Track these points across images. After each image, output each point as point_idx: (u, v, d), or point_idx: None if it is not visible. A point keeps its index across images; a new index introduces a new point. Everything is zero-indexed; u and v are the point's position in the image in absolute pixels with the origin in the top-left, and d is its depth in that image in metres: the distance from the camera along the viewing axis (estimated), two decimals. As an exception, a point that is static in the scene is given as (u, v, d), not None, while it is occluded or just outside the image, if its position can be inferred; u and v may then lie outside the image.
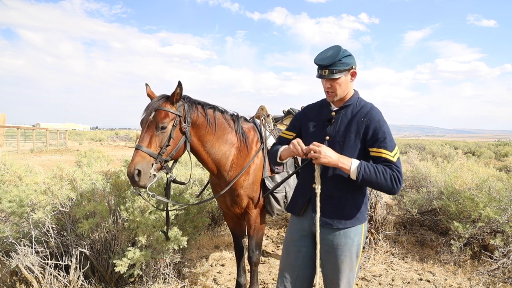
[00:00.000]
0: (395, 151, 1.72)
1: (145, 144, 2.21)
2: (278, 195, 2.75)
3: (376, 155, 1.72)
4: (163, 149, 2.25)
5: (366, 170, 1.66)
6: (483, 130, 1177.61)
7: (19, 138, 19.86)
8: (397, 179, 1.67)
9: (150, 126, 2.25)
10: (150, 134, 2.24)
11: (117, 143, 30.36)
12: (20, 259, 2.63)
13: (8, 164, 4.68)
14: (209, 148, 2.56)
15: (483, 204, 3.78)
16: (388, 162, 1.69)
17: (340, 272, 1.80)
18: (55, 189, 2.96)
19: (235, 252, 3.09)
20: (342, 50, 1.78)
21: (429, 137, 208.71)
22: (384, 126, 1.75)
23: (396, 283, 3.51)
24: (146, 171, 2.17)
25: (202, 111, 2.52)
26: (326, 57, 1.78)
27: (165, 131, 2.27)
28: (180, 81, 2.31)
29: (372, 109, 1.81)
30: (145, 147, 2.20)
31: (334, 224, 1.79)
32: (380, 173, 1.66)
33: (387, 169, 1.67)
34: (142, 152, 2.19)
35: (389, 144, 1.71)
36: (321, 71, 1.79)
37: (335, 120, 1.85)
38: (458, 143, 25.46)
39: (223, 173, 2.65)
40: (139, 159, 2.16)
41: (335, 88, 1.80)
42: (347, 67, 1.78)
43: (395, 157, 1.70)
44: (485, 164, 7.96)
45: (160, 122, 2.24)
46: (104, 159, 8.56)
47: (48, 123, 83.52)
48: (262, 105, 3.46)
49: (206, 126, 2.51)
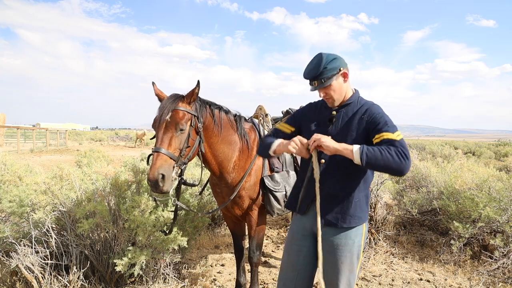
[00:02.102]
0: (397, 133, 1.67)
1: (165, 146, 2.07)
2: (278, 194, 2.73)
3: (379, 140, 1.67)
4: (183, 151, 2.14)
5: (369, 150, 1.60)
6: (483, 130, 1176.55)
7: (19, 138, 19.87)
8: (403, 153, 1.58)
9: (169, 127, 2.11)
10: (170, 136, 2.10)
11: (117, 143, 30.37)
12: (20, 259, 2.63)
13: (8, 164, 4.69)
14: (214, 149, 2.50)
15: (483, 204, 3.78)
16: (391, 141, 1.63)
17: (340, 273, 1.79)
18: (55, 189, 2.96)
19: (234, 252, 3.08)
20: (325, 56, 1.77)
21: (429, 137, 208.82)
22: (384, 116, 1.73)
23: (396, 283, 3.51)
24: (169, 175, 2.05)
25: (210, 112, 2.45)
26: (311, 69, 1.78)
27: (184, 132, 2.16)
28: (199, 80, 2.22)
29: (372, 106, 1.80)
30: (166, 149, 2.06)
31: (338, 224, 1.79)
32: (385, 150, 1.59)
33: (390, 146, 1.60)
34: (164, 155, 2.04)
35: (391, 128, 1.68)
36: (312, 83, 1.80)
37: (336, 120, 1.84)
38: (458, 143, 25.44)
39: (225, 175, 2.62)
40: (161, 162, 2.02)
41: (331, 95, 1.80)
42: (335, 71, 1.77)
43: (398, 137, 1.65)
44: (485, 164, 7.97)
45: (180, 122, 2.12)
46: (104, 159, 8.57)
47: (48, 123, 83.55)
48: (260, 105, 3.46)
49: (213, 127, 2.45)
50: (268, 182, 2.72)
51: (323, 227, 1.82)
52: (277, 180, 2.76)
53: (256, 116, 3.38)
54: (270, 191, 2.72)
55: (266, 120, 3.22)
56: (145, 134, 26.39)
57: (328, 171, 1.81)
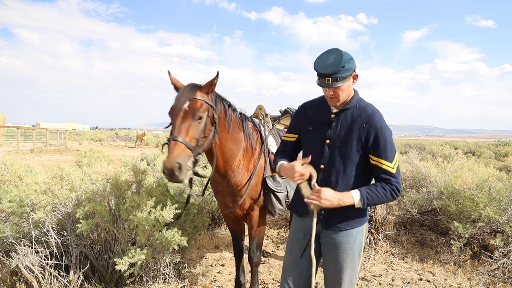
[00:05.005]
0: (395, 161, 1.73)
1: (183, 135, 2.03)
2: (279, 195, 2.73)
3: (377, 165, 1.73)
4: (200, 140, 2.11)
5: (368, 197, 1.70)
6: (483, 130, 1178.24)
7: (19, 138, 19.86)
8: (396, 191, 1.72)
9: (186, 116, 2.07)
10: (187, 125, 2.06)
11: (117, 143, 30.36)
12: (20, 259, 2.63)
13: (8, 164, 4.68)
14: (223, 145, 2.46)
15: (483, 204, 3.78)
16: (387, 174, 1.71)
17: (342, 271, 1.80)
18: (55, 189, 2.96)
19: (234, 252, 3.08)
20: (344, 54, 1.68)
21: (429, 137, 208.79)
22: (386, 133, 1.72)
23: (396, 283, 3.51)
24: (186, 165, 2.00)
25: (223, 106, 2.42)
26: (328, 64, 1.67)
27: (201, 122, 2.12)
28: (219, 71, 2.18)
29: (375, 114, 1.75)
30: (183, 138, 2.02)
31: (341, 227, 1.80)
32: (381, 193, 1.71)
33: (385, 186, 1.72)
34: (181, 143, 2.00)
35: (389, 153, 1.71)
36: (323, 79, 1.69)
37: (335, 123, 1.81)
38: (458, 143, 25.44)
39: (229, 172, 2.58)
40: (179, 151, 1.98)
41: (338, 95, 1.74)
42: (350, 72, 1.69)
43: (394, 167, 1.72)
44: (485, 164, 7.97)
45: (198, 111, 2.09)
46: (104, 159, 8.57)
47: (48, 123, 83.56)
48: (260, 105, 3.45)
49: (224, 122, 2.41)
50: (270, 183, 2.71)
51: (325, 229, 1.83)
52: (279, 180, 2.75)
53: (256, 115, 3.38)
54: (272, 192, 2.71)
55: (266, 120, 3.22)
56: (145, 134, 26.37)
57: (328, 177, 1.80)
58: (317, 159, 1.81)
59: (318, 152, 1.81)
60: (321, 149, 1.81)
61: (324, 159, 1.80)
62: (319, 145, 1.82)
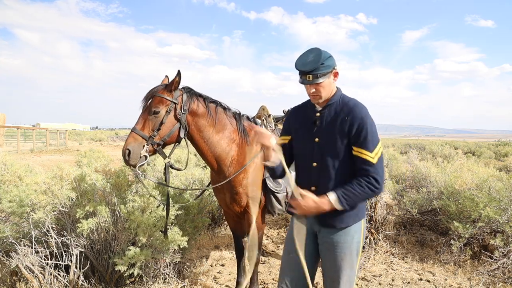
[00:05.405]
0: (376, 150, 1.71)
1: (139, 127, 2.40)
2: (279, 195, 2.77)
3: (357, 155, 1.73)
4: (154, 132, 2.41)
5: (345, 196, 1.69)
6: (483, 130, 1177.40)
7: (19, 138, 19.86)
8: (374, 183, 1.70)
9: (145, 111, 2.43)
10: (145, 118, 2.42)
11: (117, 143, 30.35)
12: (20, 259, 2.63)
13: (8, 164, 4.68)
14: (209, 141, 2.61)
15: (483, 204, 3.78)
16: (366, 164, 1.70)
17: (340, 270, 1.80)
18: (55, 189, 2.96)
19: (235, 252, 3.09)
20: (323, 52, 1.75)
21: (429, 137, 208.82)
22: (368, 123, 1.72)
23: (396, 283, 3.51)
24: (137, 151, 2.35)
25: (203, 103, 2.62)
26: (308, 62, 1.75)
27: (158, 116, 2.42)
28: (180, 70, 2.42)
29: (356, 106, 1.77)
30: (138, 129, 2.39)
31: (337, 225, 1.80)
32: (357, 190, 1.69)
33: (362, 182, 1.70)
34: (135, 133, 2.38)
35: (370, 144, 1.71)
36: (304, 76, 1.77)
37: (320, 121, 1.84)
38: (458, 143, 25.44)
39: (223, 168, 2.67)
40: (131, 140, 2.36)
41: (320, 92, 1.78)
42: (329, 69, 1.76)
43: (375, 157, 1.70)
44: (485, 164, 7.96)
45: (154, 107, 2.40)
46: (104, 159, 8.56)
47: (48, 123, 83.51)
48: (263, 105, 3.46)
49: (206, 117, 2.60)
50: (269, 183, 2.75)
51: (322, 228, 1.83)
52: (279, 181, 2.77)
53: (258, 116, 3.39)
54: (272, 192, 2.75)
55: (269, 121, 3.23)
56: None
57: (321, 174, 1.81)
58: (309, 158, 1.84)
59: (309, 151, 1.84)
60: (311, 147, 1.84)
61: (315, 157, 1.82)
62: (309, 144, 1.84)
